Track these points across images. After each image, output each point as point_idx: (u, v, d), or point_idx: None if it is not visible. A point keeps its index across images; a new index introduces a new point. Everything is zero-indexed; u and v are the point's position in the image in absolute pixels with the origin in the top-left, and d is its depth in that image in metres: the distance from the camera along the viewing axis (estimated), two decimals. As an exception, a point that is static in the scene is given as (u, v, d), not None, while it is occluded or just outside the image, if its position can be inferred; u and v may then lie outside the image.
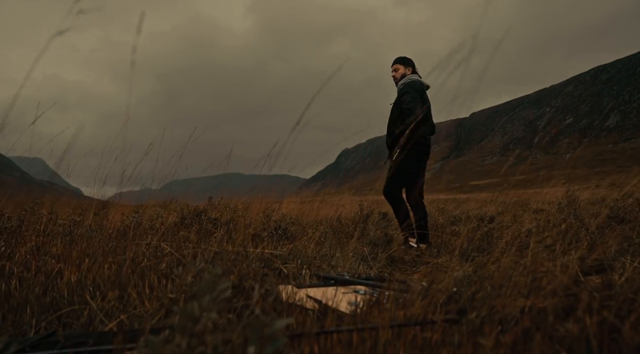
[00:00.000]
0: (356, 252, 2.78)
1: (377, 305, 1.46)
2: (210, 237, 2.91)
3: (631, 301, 1.18)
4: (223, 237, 2.66)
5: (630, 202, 4.09)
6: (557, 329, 1.05)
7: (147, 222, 2.81)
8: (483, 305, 1.29)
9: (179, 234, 2.60)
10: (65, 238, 2.33)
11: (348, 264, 2.52)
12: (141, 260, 1.95)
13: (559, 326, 1.06)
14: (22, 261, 1.85)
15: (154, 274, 1.84)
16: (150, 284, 1.75)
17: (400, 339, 1.05)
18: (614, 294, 1.25)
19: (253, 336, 0.53)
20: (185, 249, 2.15)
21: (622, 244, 2.44)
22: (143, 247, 2.05)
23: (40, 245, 2.14)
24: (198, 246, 2.35)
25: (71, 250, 2.02)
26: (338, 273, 2.22)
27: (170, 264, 1.97)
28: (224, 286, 0.67)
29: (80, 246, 2.10)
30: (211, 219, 3.63)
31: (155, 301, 1.61)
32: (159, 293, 1.69)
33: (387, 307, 1.36)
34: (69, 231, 2.45)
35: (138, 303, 1.62)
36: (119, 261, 1.93)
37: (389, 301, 1.41)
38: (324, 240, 3.15)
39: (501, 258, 1.61)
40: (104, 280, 1.73)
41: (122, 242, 2.29)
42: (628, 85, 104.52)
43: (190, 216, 3.75)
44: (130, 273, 1.86)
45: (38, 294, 1.55)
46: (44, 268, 1.80)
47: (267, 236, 3.10)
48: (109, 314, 1.51)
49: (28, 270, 1.78)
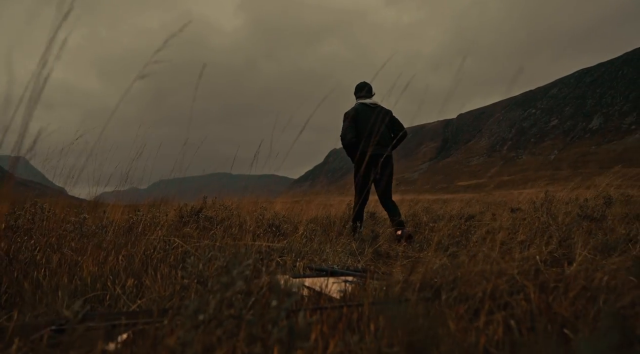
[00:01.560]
0: (345, 247, 3.01)
1: (363, 290, 1.69)
2: (209, 233, 3.11)
3: (573, 283, 1.43)
4: (222, 234, 2.87)
5: (600, 202, 4.39)
6: (510, 303, 1.29)
7: (150, 220, 3.00)
8: (454, 288, 1.53)
9: (182, 230, 2.81)
10: (77, 234, 2.52)
11: (337, 258, 2.76)
12: (151, 253, 2.16)
13: (511, 300, 1.30)
14: (43, 254, 2.04)
15: (164, 266, 2.05)
16: (161, 274, 1.96)
17: (381, 313, 1.28)
18: (562, 278, 1.50)
19: (275, 293, 0.76)
20: (190, 243, 2.36)
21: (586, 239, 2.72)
22: (154, 241, 2.26)
23: (55, 240, 2.33)
24: (200, 240, 2.56)
25: (86, 244, 2.22)
26: (329, 265, 2.45)
27: (178, 256, 2.18)
28: (248, 262, 0.89)
29: (94, 241, 2.29)
30: (208, 217, 3.83)
31: (167, 288, 1.82)
32: (169, 281, 1.90)
33: (370, 290, 1.60)
34: (79, 228, 2.64)
35: (152, 290, 1.82)
36: (131, 254, 2.13)
37: (372, 286, 1.65)
38: (314, 237, 3.38)
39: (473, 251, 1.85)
40: (120, 270, 1.93)
41: (131, 237, 2.49)
42: (610, 88, 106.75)
43: (188, 214, 3.95)
44: (142, 264, 2.07)
45: (64, 282, 1.76)
46: (64, 260, 2.00)
47: (262, 233, 3.32)
48: (129, 299, 1.72)
49: (49, 262, 1.97)
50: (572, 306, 1.25)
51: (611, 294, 1.22)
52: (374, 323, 1.14)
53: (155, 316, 1.21)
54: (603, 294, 1.24)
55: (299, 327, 0.82)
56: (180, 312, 0.94)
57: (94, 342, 0.94)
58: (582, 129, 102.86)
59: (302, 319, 0.83)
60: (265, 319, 0.87)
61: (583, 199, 5.12)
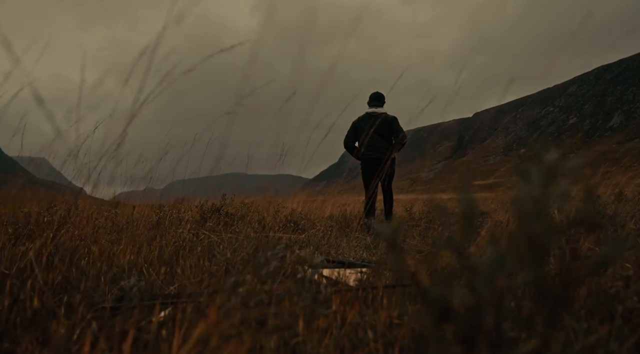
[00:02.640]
0: (360, 242, 3.15)
1: (378, 276, 1.83)
2: (230, 228, 3.28)
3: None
4: (243, 228, 3.03)
5: (611, 199, 4.43)
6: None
7: (175, 215, 3.19)
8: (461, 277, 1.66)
9: (205, 224, 2.98)
10: (110, 228, 2.71)
11: (353, 251, 2.89)
12: (180, 244, 2.33)
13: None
14: (83, 245, 2.22)
15: (193, 255, 2.21)
16: (190, 263, 2.12)
17: (394, 293, 1.41)
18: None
19: (301, 266, 0.90)
20: (216, 236, 2.53)
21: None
22: (182, 234, 2.43)
23: (92, 233, 2.52)
24: (223, 234, 2.73)
25: (120, 237, 2.41)
26: (345, 258, 2.59)
27: (204, 247, 2.35)
28: (281, 246, 1.04)
29: (126, 234, 2.48)
30: (228, 214, 4.01)
31: (197, 275, 1.98)
32: (198, 269, 2.07)
33: (384, 277, 1.74)
34: (112, 222, 2.83)
35: (183, 277, 1.99)
36: (162, 245, 2.31)
37: (385, 270, 1.79)
38: (330, 232, 3.52)
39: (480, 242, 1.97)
40: (153, 259, 2.11)
41: (159, 231, 2.67)
42: (632, 85, 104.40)
43: (209, 211, 4.13)
44: (172, 254, 2.24)
45: (105, 269, 1.93)
46: (102, 250, 2.18)
47: (280, 229, 3.47)
48: (163, 284, 1.88)
49: (90, 252, 2.16)
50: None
51: (602, 277, 1.33)
52: (387, 300, 1.28)
53: (192, 296, 1.36)
54: (592, 279, 1.35)
55: (321, 297, 0.97)
56: (220, 287, 1.10)
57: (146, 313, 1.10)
58: (602, 127, 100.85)
59: (324, 290, 0.97)
60: (292, 292, 1.02)
61: (594, 196, 5.15)
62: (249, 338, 0.81)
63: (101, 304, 1.11)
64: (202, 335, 0.65)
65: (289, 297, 1.00)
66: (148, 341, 0.83)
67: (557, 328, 0.35)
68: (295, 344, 0.98)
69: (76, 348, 0.96)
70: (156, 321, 1.07)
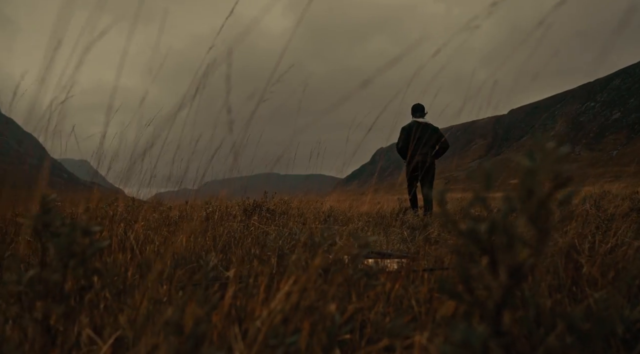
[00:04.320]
0: (397, 235, 3.29)
1: (417, 263, 1.97)
2: (273, 223, 3.50)
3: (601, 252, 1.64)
4: (286, 222, 3.23)
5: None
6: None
7: (224, 210, 3.43)
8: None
9: (251, 219, 3.20)
10: (166, 221, 2.98)
11: (391, 244, 3.04)
12: (232, 235, 2.55)
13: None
14: (147, 235, 2.48)
15: (245, 245, 2.42)
16: (242, 252, 2.33)
17: (432, 275, 1.56)
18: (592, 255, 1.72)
19: (355, 242, 1.07)
20: (260, 229, 2.73)
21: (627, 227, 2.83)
22: (233, 225, 2.66)
23: (150, 228, 2.78)
24: (268, 226, 2.93)
25: (176, 229, 2.65)
26: (384, 250, 2.74)
27: (254, 238, 2.56)
28: (335, 229, 1.21)
29: (182, 227, 2.72)
30: (269, 210, 4.23)
31: (249, 262, 2.18)
32: (249, 257, 2.27)
33: (423, 263, 1.88)
34: (166, 217, 3.10)
35: (236, 264, 2.20)
36: (215, 236, 2.53)
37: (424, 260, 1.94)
38: (368, 227, 3.67)
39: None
40: (210, 248, 2.33)
41: (211, 224, 2.90)
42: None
43: (251, 208, 4.36)
44: (225, 244, 2.46)
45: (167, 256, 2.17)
46: (163, 240, 2.43)
47: (320, 224, 3.65)
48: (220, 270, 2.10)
49: (152, 241, 2.40)
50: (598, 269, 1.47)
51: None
52: (427, 277, 1.43)
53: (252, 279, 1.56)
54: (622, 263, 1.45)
55: (371, 272, 1.13)
56: (284, 262, 1.28)
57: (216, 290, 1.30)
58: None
59: (374, 266, 1.13)
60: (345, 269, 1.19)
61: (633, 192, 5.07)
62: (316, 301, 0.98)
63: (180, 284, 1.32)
64: (287, 290, 0.83)
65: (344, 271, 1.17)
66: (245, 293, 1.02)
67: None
68: (354, 311, 1.14)
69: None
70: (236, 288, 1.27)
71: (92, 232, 0.85)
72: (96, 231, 0.85)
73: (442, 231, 3.56)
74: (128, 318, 1.04)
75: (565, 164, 0.46)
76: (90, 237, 0.85)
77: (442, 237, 3.35)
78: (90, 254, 0.84)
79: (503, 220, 0.45)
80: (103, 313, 1.09)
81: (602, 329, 0.43)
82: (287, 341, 0.65)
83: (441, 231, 3.38)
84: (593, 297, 1.02)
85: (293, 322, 0.77)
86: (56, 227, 0.88)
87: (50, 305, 0.77)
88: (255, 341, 0.78)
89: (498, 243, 0.45)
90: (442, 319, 0.85)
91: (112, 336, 0.93)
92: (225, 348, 0.75)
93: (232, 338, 0.79)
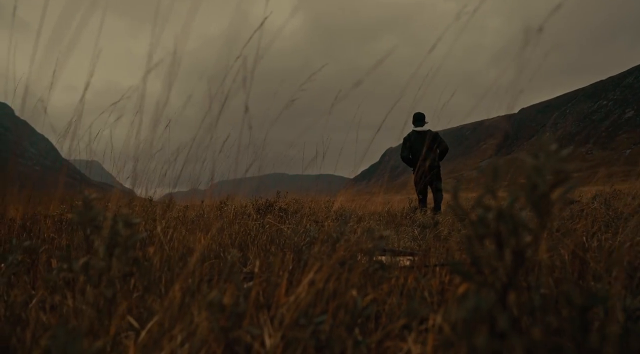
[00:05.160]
0: (407, 234, 3.35)
1: (427, 259, 2.04)
2: (285, 221, 3.58)
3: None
4: (299, 221, 3.31)
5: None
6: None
7: (238, 209, 3.52)
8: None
9: (265, 218, 3.29)
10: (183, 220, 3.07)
11: (402, 242, 3.10)
12: (248, 232, 2.64)
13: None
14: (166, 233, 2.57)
15: (260, 242, 2.51)
16: (258, 248, 2.42)
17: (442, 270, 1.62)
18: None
19: (369, 236, 1.14)
20: (275, 227, 2.82)
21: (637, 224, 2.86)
22: (248, 224, 2.74)
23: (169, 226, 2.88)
24: (282, 224, 3.01)
25: (194, 227, 2.74)
26: (395, 248, 2.81)
27: (269, 236, 2.64)
28: (352, 224, 1.29)
29: (199, 225, 2.81)
30: (282, 209, 4.31)
31: (267, 258, 2.27)
32: (266, 253, 2.36)
33: (434, 259, 1.95)
34: (183, 215, 3.19)
35: (253, 260, 2.28)
36: (232, 234, 2.62)
37: (433, 256, 2.00)
38: (379, 226, 3.74)
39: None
40: (228, 244, 2.42)
41: (226, 222, 2.99)
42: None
43: (263, 207, 4.45)
44: (241, 241, 2.55)
45: (185, 252, 2.26)
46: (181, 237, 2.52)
47: (332, 222, 3.73)
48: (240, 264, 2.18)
49: (172, 239, 2.50)
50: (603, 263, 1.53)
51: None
52: (439, 271, 1.50)
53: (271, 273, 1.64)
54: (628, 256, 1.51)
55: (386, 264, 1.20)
56: (302, 257, 1.36)
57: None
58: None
59: (390, 259, 1.21)
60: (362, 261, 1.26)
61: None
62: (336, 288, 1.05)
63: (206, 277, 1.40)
64: (311, 278, 0.91)
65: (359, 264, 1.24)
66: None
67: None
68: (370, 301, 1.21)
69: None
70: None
71: (133, 224, 0.94)
72: (137, 223, 0.93)
73: (452, 229, 3.61)
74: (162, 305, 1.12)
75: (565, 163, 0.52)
76: (132, 228, 0.93)
77: (452, 236, 3.40)
78: (131, 244, 0.92)
79: (509, 209, 0.52)
80: (137, 300, 1.18)
81: (596, 303, 0.50)
82: (315, 320, 0.73)
83: (451, 229, 3.44)
84: (596, 287, 1.08)
85: (319, 305, 0.85)
86: (99, 222, 0.96)
87: (100, 289, 0.85)
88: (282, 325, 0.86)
89: (504, 229, 0.52)
90: (455, 300, 0.92)
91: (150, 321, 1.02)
92: (257, 329, 0.82)
93: (262, 321, 0.87)
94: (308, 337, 0.71)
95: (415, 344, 0.81)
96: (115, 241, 0.91)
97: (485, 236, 0.54)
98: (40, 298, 1.31)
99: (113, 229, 0.91)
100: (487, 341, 0.44)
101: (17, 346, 0.87)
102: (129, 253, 0.93)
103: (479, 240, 0.55)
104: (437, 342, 0.72)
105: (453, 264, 0.56)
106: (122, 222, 0.92)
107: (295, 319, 0.79)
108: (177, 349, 0.84)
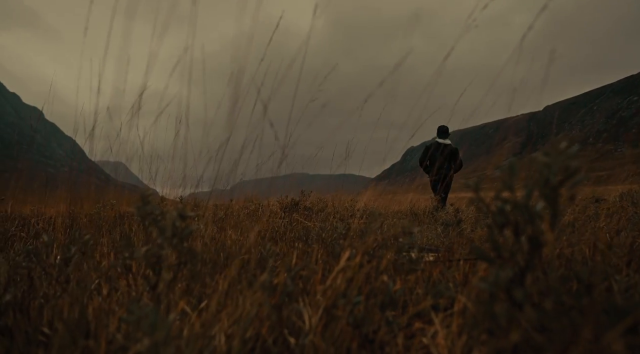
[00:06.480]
0: (431, 231, 3.42)
1: (451, 254, 2.11)
2: (311, 219, 3.69)
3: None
4: (324, 218, 3.42)
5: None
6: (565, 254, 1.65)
7: (266, 207, 3.65)
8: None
9: (292, 215, 3.41)
10: (214, 217, 3.22)
11: (425, 239, 3.17)
12: (278, 229, 2.76)
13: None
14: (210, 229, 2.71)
15: (288, 239, 2.62)
16: (286, 244, 2.53)
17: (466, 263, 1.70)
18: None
19: (399, 231, 1.23)
20: (302, 224, 2.93)
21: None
22: (277, 221, 2.86)
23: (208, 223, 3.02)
24: (307, 221, 3.12)
25: (224, 225, 2.88)
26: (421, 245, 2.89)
27: (296, 233, 2.75)
28: (381, 221, 1.38)
29: (229, 223, 2.95)
30: (307, 207, 4.43)
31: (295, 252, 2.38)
32: (294, 249, 2.47)
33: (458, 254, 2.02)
34: (214, 214, 3.34)
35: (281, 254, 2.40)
36: (262, 229, 2.74)
37: (457, 252, 2.07)
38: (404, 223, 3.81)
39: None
40: (258, 240, 2.54)
41: (255, 219, 3.12)
42: None
43: (289, 205, 4.58)
44: (271, 237, 2.67)
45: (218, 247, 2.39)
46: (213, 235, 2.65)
47: (356, 220, 3.82)
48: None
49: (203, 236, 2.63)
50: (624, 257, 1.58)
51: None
52: (462, 265, 1.58)
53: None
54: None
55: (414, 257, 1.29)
56: (332, 251, 1.46)
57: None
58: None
59: (416, 253, 1.29)
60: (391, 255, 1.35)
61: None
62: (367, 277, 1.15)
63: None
64: (343, 266, 1.01)
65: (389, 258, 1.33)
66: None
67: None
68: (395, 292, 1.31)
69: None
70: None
71: (187, 217, 1.06)
72: (191, 216, 1.05)
73: (475, 227, 3.66)
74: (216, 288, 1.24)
75: (572, 160, 0.61)
76: (186, 221, 1.05)
77: (475, 233, 3.45)
78: (186, 235, 1.05)
79: (524, 201, 0.61)
80: (185, 287, 1.30)
81: (601, 279, 0.58)
82: (353, 300, 0.83)
83: (474, 227, 3.48)
84: (614, 278, 1.14)
85: (353, 290, 0.95)
86: (156, 215, 1.09)
87: (161, 274, 0.97)
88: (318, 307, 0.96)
89: (520, 218, 0.61)
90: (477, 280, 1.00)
91: (201, 305, 1.14)
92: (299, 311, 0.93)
93: (301, 304, 0.97)
94: (347, 315, 0.81)
95: (441, 326, 0.90)
96: (172, 231, 1.02)
97: (504, 225, 0.63)
98: (94, 286, 1.45)
99: (170, 221, 1.03)
100: (506, 309, 0.52)
101: (91, 320, 1.00)
102: (183, 243, 1.04)
103: (499, 229, 0.64)
104: (462, 321, 0.81)
105: (476, 248, 0.64)
106: (178, 214, 1.04)
107: (333, 302, 0.89)
108: (229, 327, 0.95)
